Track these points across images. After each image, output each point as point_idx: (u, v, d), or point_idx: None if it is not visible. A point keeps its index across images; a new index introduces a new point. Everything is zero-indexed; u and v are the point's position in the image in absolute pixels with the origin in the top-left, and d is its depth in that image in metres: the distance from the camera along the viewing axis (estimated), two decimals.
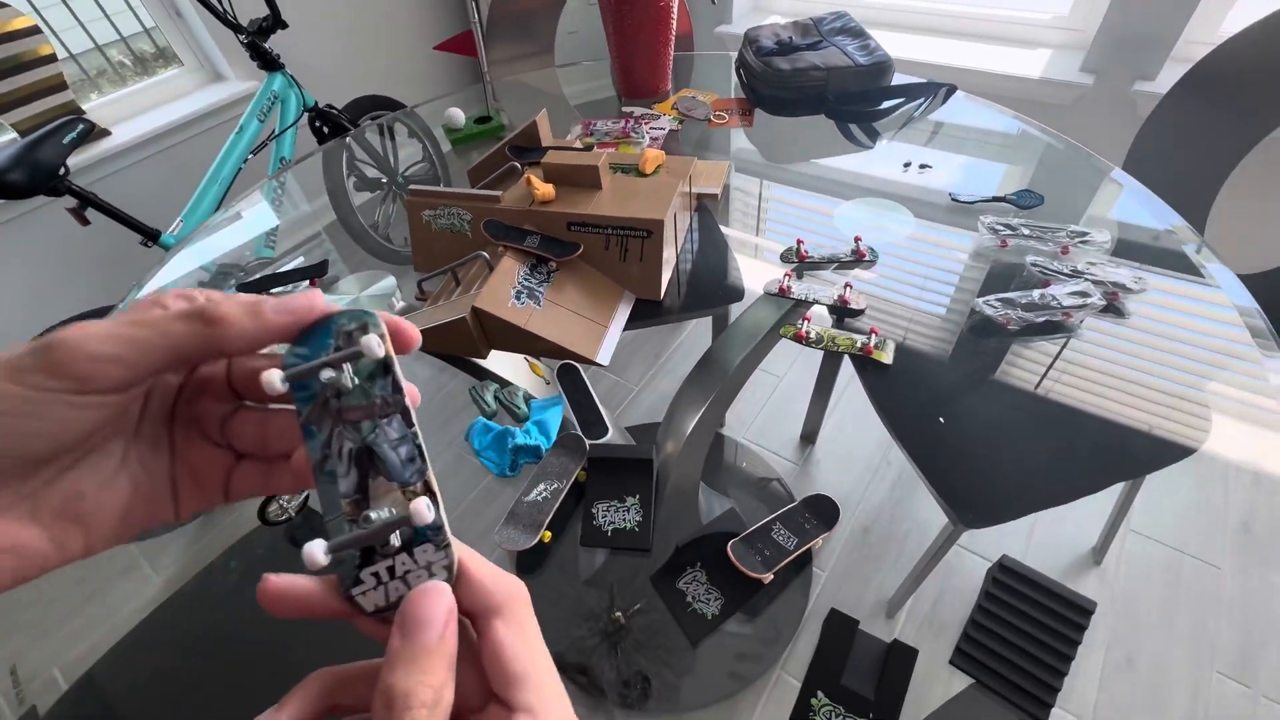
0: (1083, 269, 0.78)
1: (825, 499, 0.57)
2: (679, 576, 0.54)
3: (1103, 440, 0.64)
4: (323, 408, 0.23)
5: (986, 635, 0.48)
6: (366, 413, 0.23)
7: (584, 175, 0.79)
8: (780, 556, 0.54)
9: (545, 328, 0.69)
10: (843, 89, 1.13)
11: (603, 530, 0.57)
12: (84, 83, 1.85)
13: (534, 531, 0.56)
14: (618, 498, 0.59)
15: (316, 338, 0.23)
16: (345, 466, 0.23)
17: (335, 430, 0.23)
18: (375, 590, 0.22)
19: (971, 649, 0.48)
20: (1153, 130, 1.32)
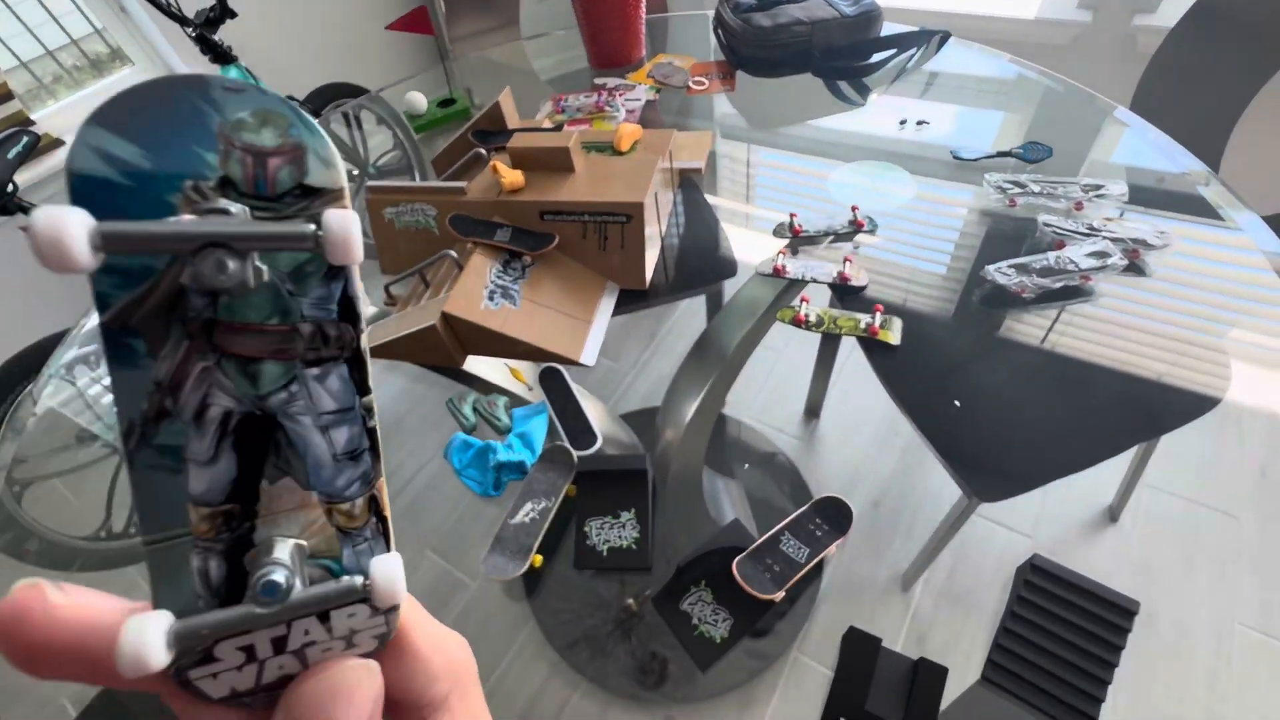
0: (1099, 226, 0.72)
1: (836, 501, 0.53)
2: (683, 597, 0.50)
3: (1121, 402, 0.62)
4: (169, 311, 0.15)
5: (1021, 645, 0.44)
6: (276, 346, 0.16)
7: (554, 158, 0.72)
8: (791, 571, 0.49)
9: (523, 329, 0.64)
10: (829, 43, 1.06)
11: (597, 551, 0.53)
12: (38, 90, 1.76)
13: (523, 557, 0.51)
14: (611, 513, 0.55)
15: (172, 139, 0.15)
16: (208, 443, 0.15)
17: (194, 365, 0.15)
18: (238, 671, 0.15)
19: (1005, 661, 0.44)
20: (1160, 68, 1.25)
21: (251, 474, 0.16)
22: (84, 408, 0.86)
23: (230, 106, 0.15)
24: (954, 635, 0.66)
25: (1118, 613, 0.45)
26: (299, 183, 0.16)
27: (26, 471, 0.78)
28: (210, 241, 0.14)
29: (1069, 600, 0.46)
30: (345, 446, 0.16)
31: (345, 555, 0.17)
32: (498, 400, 0.67)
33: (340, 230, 0.15)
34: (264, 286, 0.15)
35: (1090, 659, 0.43)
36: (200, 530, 0.15)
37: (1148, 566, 0.69)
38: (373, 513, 0.17)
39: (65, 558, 0.72)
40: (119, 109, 0.15)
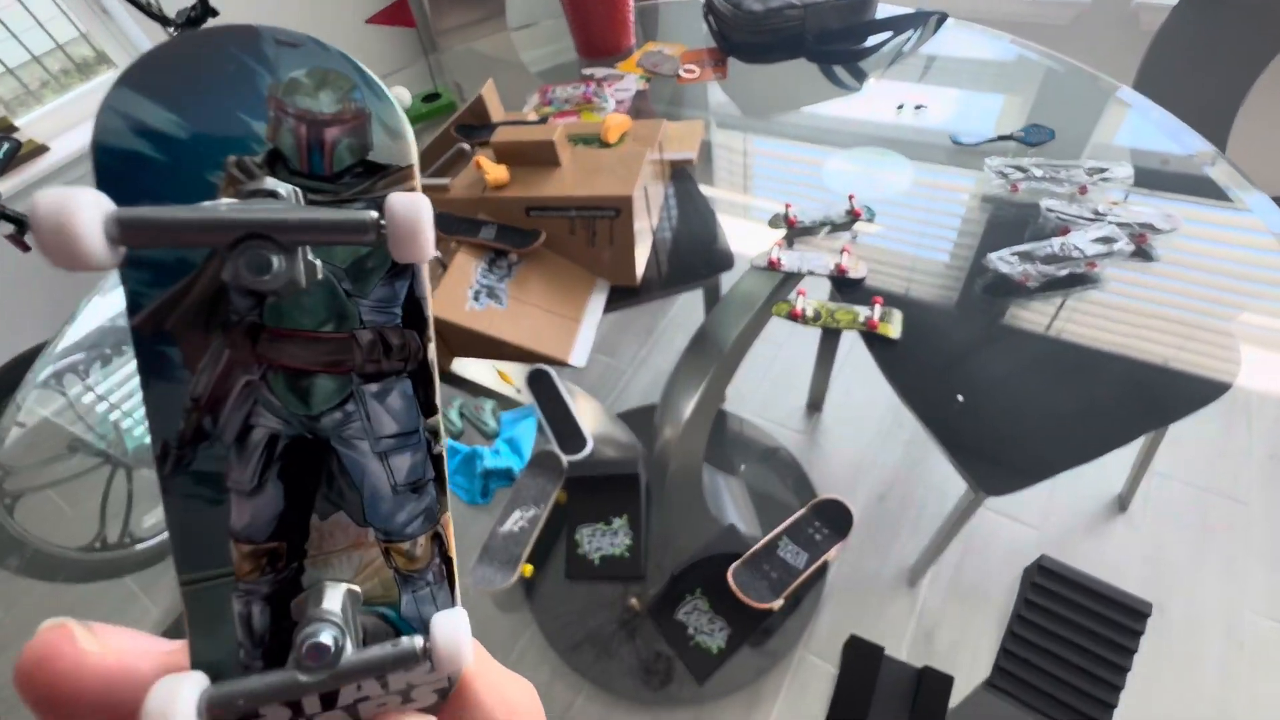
0: (1104, 210, 0.69)
1: (835, 503, 0.51)
2: (678, 606, 0.48)
3: (1129, 390, 0.61)
4: (208, 313, 0.13)
5: (1029, 649, 0.42)
6: (331, 357, 0.13)
7: (540, 152, 0.70)
8: (790, 578, 0.48)
9: (510, 330, 0.62)
10: (823, 27, 1.03)
11: (589, 560, 0.51)
12: (25, 97, 1.73)
13: (512, 567, 0.50)
14: (603, 520, 0.53)
15: (214, 104, 0.12)
16: (252, 471, 0.13)
17: (236, 380, 0.13)
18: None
19: (1012, 666, 0.42)
20: (1164, 46, 1.21)
21: (300, 507, 0.14)
22: (76, 418, 0.85)
23: (284, 65, 0.13)
24: (961, 631, 0.64)
25: (1129, 614, 0.43)
26: (360, 158, 0.13)
27: (18, 483, 0.77)
28: (250, 232, 0.12)
29: (1078, 602, 0.44)
30: (407, 476, 0.14)
31: (404, 602, 0.15)
32: (485, 404, 0.65)
33: (408, 220, 0.12)
34: (317, 286, 0.13)
35: (1101, 663, 0.41)
36: (242, 571, 0.13)
37: (1157, 555, 0.67)
38: (436, 554, 0.14)
39: (60, 569, 0.71)
40: (153, 67, 0.12)
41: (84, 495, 0.77)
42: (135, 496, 0.76)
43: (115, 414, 0.84)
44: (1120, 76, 0.98)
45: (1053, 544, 0.70)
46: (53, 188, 0.11)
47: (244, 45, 0.13)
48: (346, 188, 0.13)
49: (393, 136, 0.14)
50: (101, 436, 0.82)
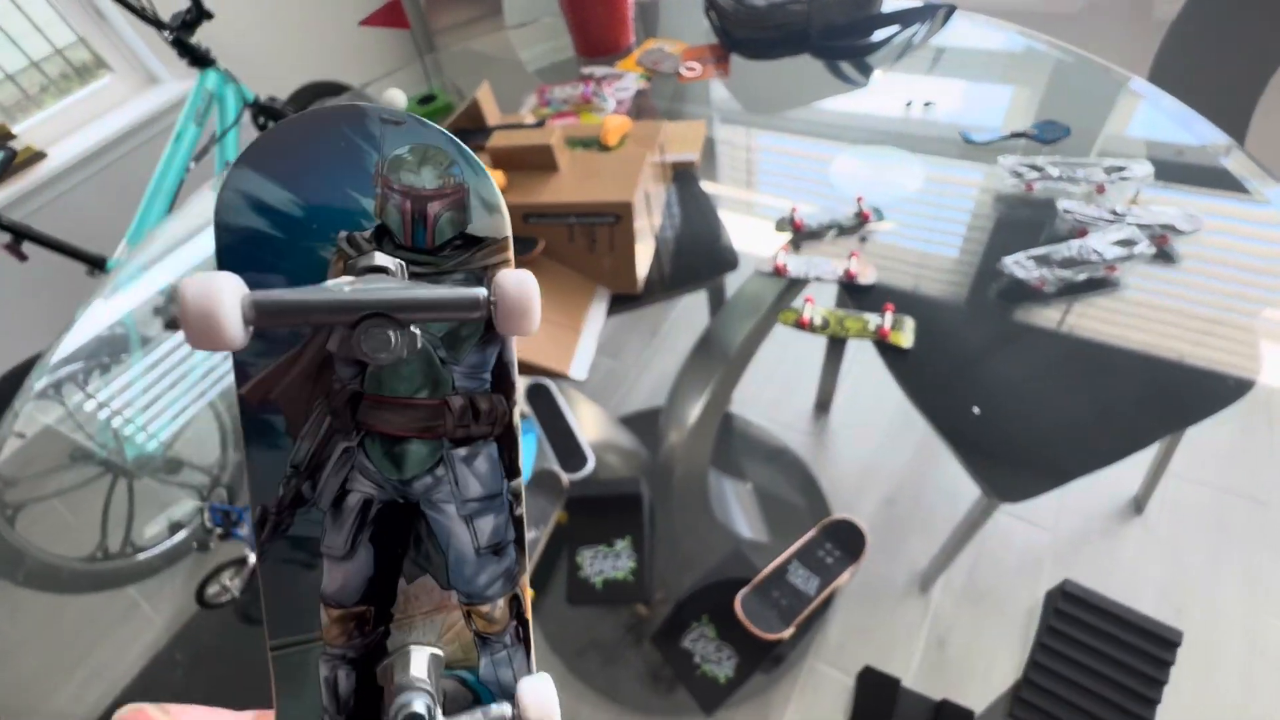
0: (1124, 211, 0.67)
1: (847, 524, 0.49)
2: (684, 634, 0.46)
3: (1148, 393, 0.59)
4: (312, 383, 0.13)
5: (1052, 679, 0.40)
6: (425, 423, 0.14)
7: (536, 156, 0.68)
8: (800, 605, 0.46)
9: None
10: (828, 22, 1.00)
11: (591, 584, 0.49)
12: (25, 103, 1.72)
13: None
14: (605, 541, 0.51)
15: (325, 183, 0.13)
16: (346, 535, 0.13)
17: (336, 446, 0.13)
18: None
19: (1035, 698, 0.40)
20: (1180, 35, 1.18)
21: (389, 571, 0.14)
22: (76, 426, 0.84)
23: (389, 142, 0.13)
24: (976, 637, 0.63)
25: (1158, 643, 0.41)
26: (460, 231, 0.14)
27: (19, 494, 0.77)
28: (373, 312, 0.12)
29: (1104, 630, 0.41)
30: (490, 539, 0.14)
31: (483, 665, 0.15)
32: None
33: (519, 298, 0.13)
34: (415, 354, 0.13)
35: (1129, 695, 0.39)
36: (331, 635, 0.13)
37: (1176, 559, 0.65)
38: (514, 616, 0.14)
39: (62, 580, 0.71)
40: (269, 148, 0.13)
41: (85, 505, 0.76)
42: (136, 506, 0.75)
43: (116, 421, 0.83)
44: (1132, 67, 0.95)
45: (1066, 547, 0.68)
46: (197, 275, 0.12)
47: (353, 124, 0.13)
48: (447, 260, 0.14)
49: (489, 210, 0.14)
50: (102, 445, 0.81)
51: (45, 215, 1.62)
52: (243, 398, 0.13)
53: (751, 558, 0.52)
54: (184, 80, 1.80)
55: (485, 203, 0.14)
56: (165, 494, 0.76)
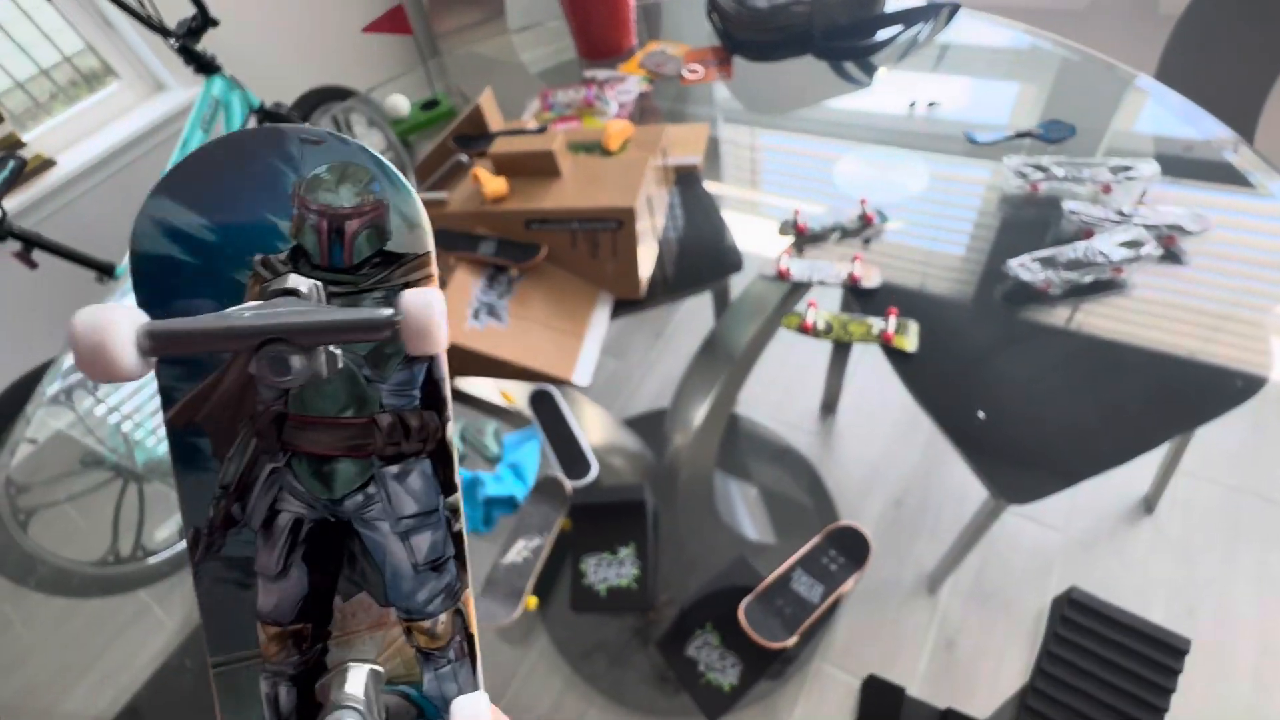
0: (1130, 211, 0.66)
1: (851, 531, 0.48)
2: (688, 641, 0.46)
3: (1158, 392, 0.58)
4: (236, 405, 0.13)
5: (1059, 688, 0.40)
6: (353, 441, 0.14)
7: (539, 162, 0.68)
8: (804, 613, 0.45)
9: (511, 349, 0.60)
10: (830, 22, 1.00)
11: (595, 591, 0.49)
12: (34, 110, 1.74)
13: (515, 600, 0.48)
14: (609, 549, 0.51)
15: (242, 207, 0.13)
16: (278, 555, 0.14)
17: (263, 467, 0.14)
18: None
19: (1042, 706, 0.40)
20: (1187, 30, 1.17)
21: (324, 589, 0.14)
22: (86, 431, 0.84)
23: (308, 162, 0.13)
24: (984, 638, 0.62)
25: (1166, 651, 0.40)
26: (379, 248, 0.14)
27: (31, 500, 0.77)
28: (271, 337, 0.12)
29: (1111, 638, 0.41)
30: (428, 555, 0.14)
31: (426, 680, 0.15)
32: (486, 427, 0.63)
33: (420, 317, 0.13)
34: (338, 374, 0.13)
35: (1137, 703, 0.39)
36: (269, 652, 0.14)
37: (1187, 558, 0.65)
38: (458, 630, 0.15)
39: (74, 584, 0.72)
40: (186, 174, 0.13)
41: (96, 509, 0.77)
42: (147, 510, 0.76)
43: (126, 426, 0.84)
44: (1138, 63, 0.94)
45: (1076, 548, 0.68)
46: (90, 307, 0.11)
47: (271, 146, 0.13)
48: (366, 278, 0.14)
49: (410, 226, 0.14)
50: (112, 450, 0.82)
51: (54, 223, 1.63)
52: (169, 422, 0.13)
53: (756, 562, 0.52)
54: (190, 87, 1.81)
55: (406, 219, 0.14)
56: (175, 498, 0.77)
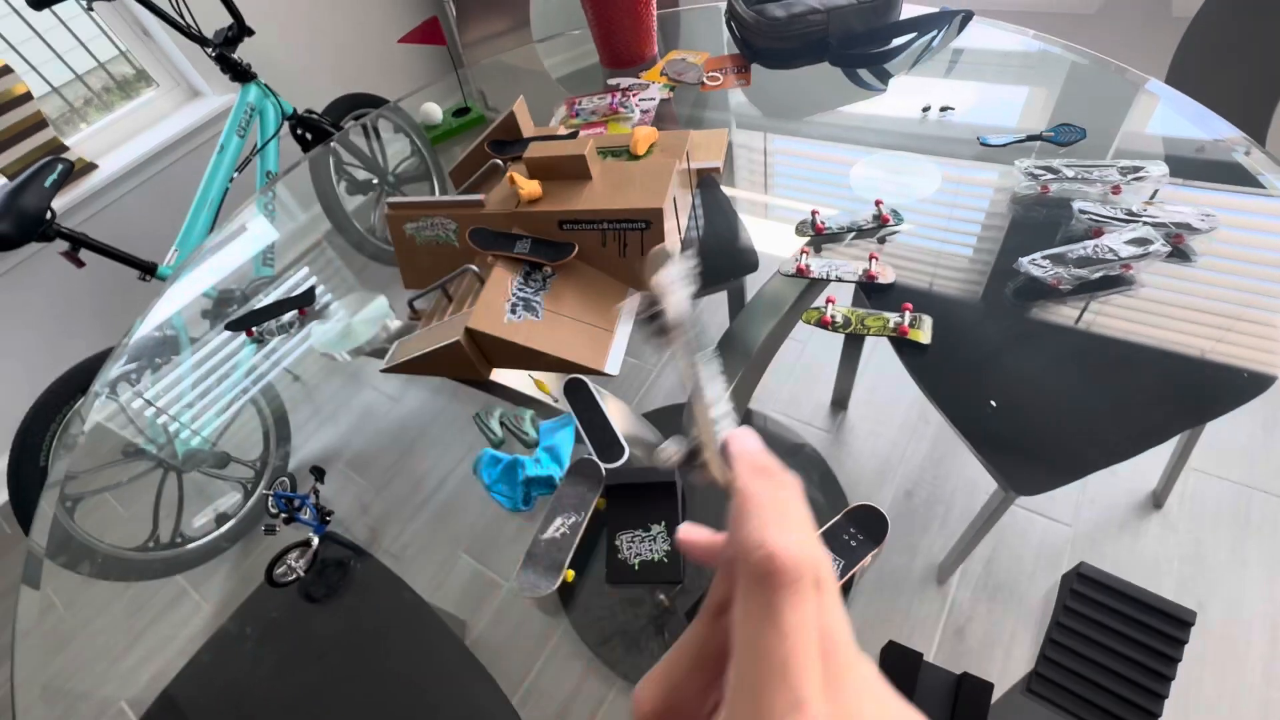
0: (1139, 211, 0.69)
1: (871, 510, 0.51)
2: None
3: (1167, 387, 0.59)
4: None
5: (1068, 656, 0.43)
6: None
7: (571, 166, 0.72)
8: None
9: (546, 341, 0.64)
10: (846, 31, 1.03)
11: (629, 565, 0.53)
12: (70, 115, 1.81)
13: (555, 573, 0.52)
14: (642, 526, 0.54)
15: None
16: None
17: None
18: None
19: (1051, 673, 0.43)
20: (1200, 34, 1.18)
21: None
22: (127, 422, 0.89)
23: None
24: (993, 628, 0.64)
25: (1172, 623, 0.43)
26: None
27: (77, 487, 0.81)
28: None
29: (1119, 610, 0.44)
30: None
31: None
32: (524, 414, 0.67)
33: None
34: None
35: (1145, 671, 0.42)
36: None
37: (1196, 554, 0.66)
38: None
39: (118, 570, 0.75)
40: None
41: (136, 498, 0.81)
42: (186, 499, 0.80)
43: (163, 419, 0.88)
44: (1150, 65, 0.96)
45: (1086, 541, 0.70)
46: None
47: None
48: None
49: None
50: (152, 441, 0.86)
51: (96, 223, 1.70)
52: None
53: None
54: (225, 94, 1.88)
55: None
56: (212, 487, 0.80)
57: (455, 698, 0.57)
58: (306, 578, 0.59)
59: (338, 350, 0.79)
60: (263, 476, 0.80)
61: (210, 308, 1.02)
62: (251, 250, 1.12)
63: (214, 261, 1.11)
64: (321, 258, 1.08)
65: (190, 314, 1.01)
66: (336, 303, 0.88)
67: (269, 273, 1.08)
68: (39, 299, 1.67)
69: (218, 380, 0.89)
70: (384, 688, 0.57)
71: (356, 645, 0.60)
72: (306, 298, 0.88)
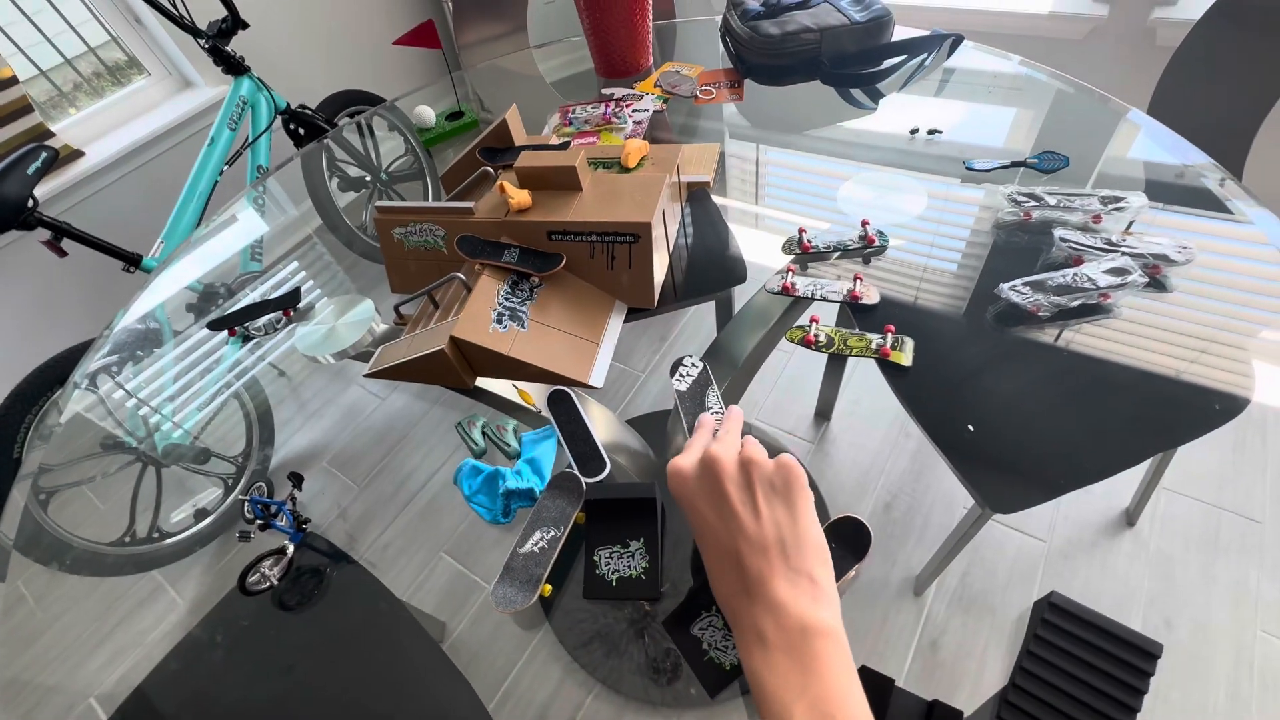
0: (1119, 241, 0.70)
1: (853, 521, 0.52)
2: (694, 621, 0.50)
3: (1141, 410, 0.61)
4: None
5: (1038, 685, 0.44)
6: None
7: (561, 177, 0.72)
8: None
9: (531, 352, 0.64)
10: (839, 50, 1.04)
11: (607, 580, 0.53)
12: (57, 100, 1.78)
13: (532, 588, 0.52)
14: (620, 542, 0.55)
15: None
16: None
17: None
18: None
19: (1021, 701, 0.43)
20: (1182, 65, 1.21)
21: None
22: (106, 414, 0.88)
23: None
24: (967, 641, 0.66)
25: (1139, 655, 0.44)
26: None
27: (52, 479, 0.80)
28: None
29: (1088, 640, 0.45)
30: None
31: None
32: (507, 424, 0.67)
33: None
34: None
35: (1110, 702, 0.42)
36: None
37: (1167, 572, 0.68)
38: None
39: (91, 565, 0.74)
40: None
41: (113, 492, 0.80)
42: (165, 494, 0.79)
43: (144, 412, 0.87)
44: (1134, 92, 0.98)
45: (1059, 557, 0.71)
46: None
47: None
48: None
49: None
50: (131, 434, 0.85)
51: (80, 212, 1.68)
52: None
53: None
54: (217, 86, 1.86)
55: None
56: (192, 482, 0.79)
57: (428, 707, 0.57)
58: (280, 586, 0.59)
59: (321, 353, 0.78)
60: (244, 472, 0.79)
61: (195, 301, 1.01)
62: (239, 244, 1.11)
63: (200, 254, 1.10)
64: (311, 254, 1.07)
65: (174, 307, 1.00)
66: (321, 304, 0.88)
67: (257, 267, 1.07)
68: (19, 288, 1.65)
69: (200, 374, 0.88)
70: (355, 698, 0.56)
71: (329, 654, 0.59)
72: (291, 299, 0.87)
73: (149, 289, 1.02)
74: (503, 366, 0.64)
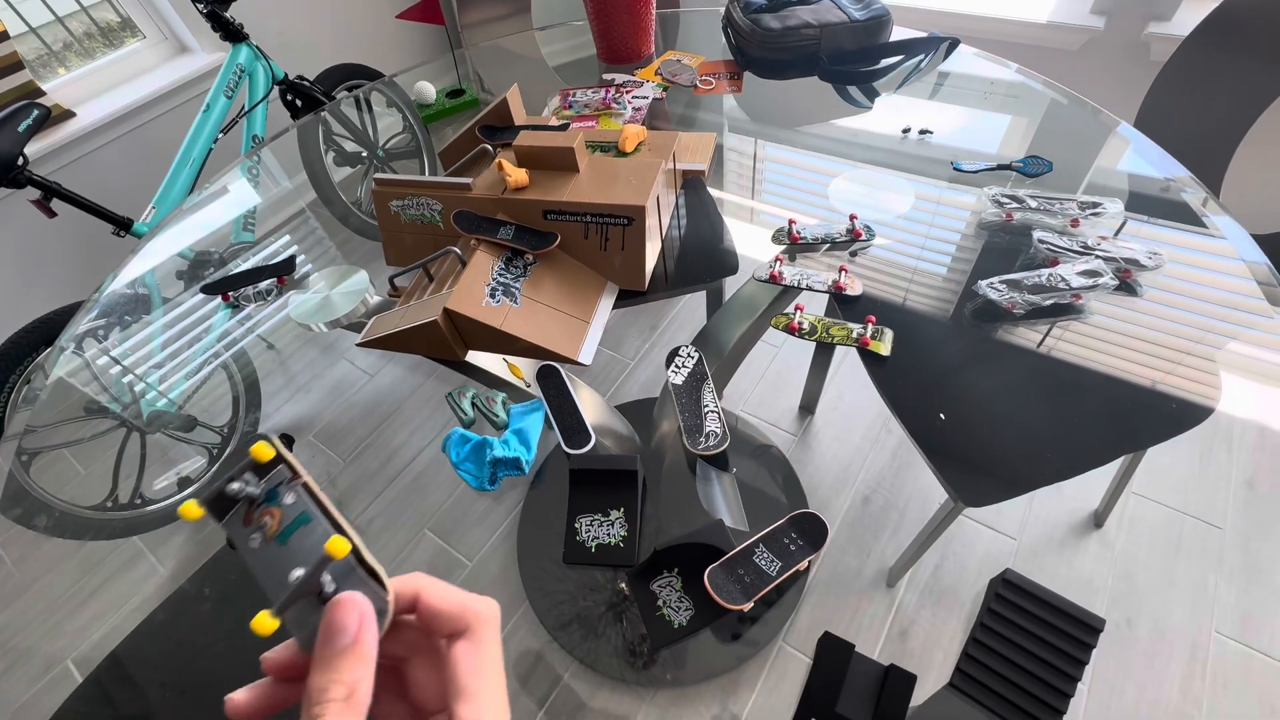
0: (1094, 245, 0.73)
1: (812, 517, 0.54)
2: (654, 578, 0.52)
3: (1110, 412, 0.62)
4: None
5: (988, 655, 0.46)
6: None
7: (559, 158, 0.73)
8: (762, 583, 0.51)
9: (522, 327, 0.65)
10: (837, 48, 1.06)
11: (586, 546, 0.55)
12: (48, 58, 1.75)
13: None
14: (601, 511, 0.57)
15: None
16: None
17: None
18: None
19: (973, 670, 0.46)
20: (1169, 79, 1.24)
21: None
22: (91, 378, 0.87)
23: None
24: (934, 631, 0.68)
25: (1083, 629, 0.47)
26: None
27: (35, 441, 0.80)
28: None
29: (1037, 614, 0.47)
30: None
31: None
32: (496, 396, 0.68)
33: None
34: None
35: (1054, 672, 0.45)
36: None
37: (1130, 573, 0.70)
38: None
39: (73, 528, 0.74)
40: None
41: (97, 456, 0.80)
42: (148, 461, 0.79)
43: (129, 378, 0.87)
44: (1125, 104, 1.01)
45: (1028, 554, 0.74)
46: None
47: None
48: None
49: None
50: (116, 399, 0.85)
51: (70, 173, 1.66)
52: None
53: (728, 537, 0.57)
54: (215, 53, 1.84)
55: None
56: (176, 451, 0.80)
57: None
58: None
59: (315, 322, 0.79)
60: (230, 442, 0.79)
61: (186, 269, 1.01)
62: (232, 214, 1.11)
63: (192, 222, 1.10)
64: (304, 227, 1.07)
65: (164, 273, 1.00)
66: (316, 274, 0.88)
67: (249, 238, 1.07)
68: (5, 247, 1.62)
69: (189, 343, 0.88)
70: None
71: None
72: (286, 266, 0.88)
73: (140, 254, 1.01)
74: (494, 340, 0.66)
